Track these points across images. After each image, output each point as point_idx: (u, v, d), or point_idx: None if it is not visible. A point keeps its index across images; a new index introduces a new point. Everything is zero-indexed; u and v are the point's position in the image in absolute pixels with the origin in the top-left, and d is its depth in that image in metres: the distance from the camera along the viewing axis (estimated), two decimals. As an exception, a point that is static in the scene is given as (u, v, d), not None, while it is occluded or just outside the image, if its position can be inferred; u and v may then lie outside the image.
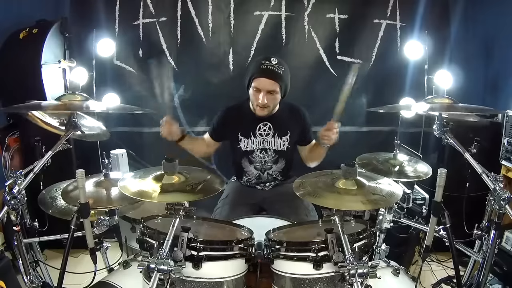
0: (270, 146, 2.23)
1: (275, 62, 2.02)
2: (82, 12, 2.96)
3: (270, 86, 2.02)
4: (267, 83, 2.02)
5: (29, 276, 1.74)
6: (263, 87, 2.03)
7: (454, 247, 1.55)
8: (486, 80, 3.02)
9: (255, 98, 2.07)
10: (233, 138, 2.24)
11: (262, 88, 2.03)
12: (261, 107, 2.08)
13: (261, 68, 2.01)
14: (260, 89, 2.03)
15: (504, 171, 2.39)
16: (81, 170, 1.41)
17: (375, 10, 3.05)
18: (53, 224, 1.97)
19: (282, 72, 2.03)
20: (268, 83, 2.02)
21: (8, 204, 1.47)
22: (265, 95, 2.03)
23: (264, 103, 2.04)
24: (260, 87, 2.03)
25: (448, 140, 1.67)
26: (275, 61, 2.03)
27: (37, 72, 2.56)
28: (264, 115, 2.13)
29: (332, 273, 1.40)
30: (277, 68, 2.02)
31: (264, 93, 2.03)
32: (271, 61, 2.02)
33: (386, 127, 3.21)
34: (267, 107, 2.09)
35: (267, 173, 2.28)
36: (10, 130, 2.61)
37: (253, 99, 2.11)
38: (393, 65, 3.08)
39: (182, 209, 1.44)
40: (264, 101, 2.04)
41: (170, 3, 3.00)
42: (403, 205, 2.00)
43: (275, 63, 2.02)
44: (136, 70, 3.08)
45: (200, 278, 1.41)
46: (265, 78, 2.01)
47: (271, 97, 2.05)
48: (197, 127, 3.16)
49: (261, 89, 2.03)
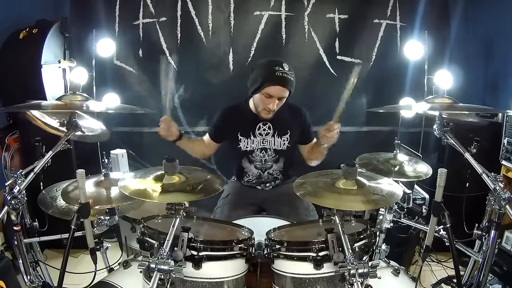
0: (270, 146, 2.23)
1: (287, 68, 1.99)
2: (82, 12, 2.95)
3: (283, 93, 2.02)
4: (280, 91, 2.00)
5: (29, 276, 1.74)
6: (276, 94, 2.01)
7: (454, 247, 1.54)
8: (486, 80, 3.02)
9: (264, 103, 2.05)
10: (233, 138, 2.24)
11: (275, 95, 2.01)
12: (267, 111, 2.08)
13: (276, 76, 1.96)
14: (273, 95, 2.01)
15: (504, 171, 2.39)
16: (81, 170, 1.41)
17: (375, 10, 3.05)
18: (53, 224, 1.97)
19: (293, 79, 2.02)
20: (281, 90, 2.00)
21: (8, 204, 1.47)
22: (277, 102, 2.02)
23: (274, 108, 2.04)
24: (273, 94, 2.01)
25: (448, 140, 1.67)
26: (287, 67, 2.00)
27: (37, 72, 2.56)
28: (269, 117, 2.14)
29: (332, 273, 1.40)
30: (289, 75, 1.99)
31: (275, 99, 2.02)
32: (284, 68, 1.98)
33: (386, 127, 3.21)
34: (274, 111, 2.09)
35: (268, 172, 2.28)
36: (10, 130, 2.61)
37: (260, 104, 2.09)
38: (393, 65, 3.08)
39: (182, 209, 1.44)
40: (275, 107, 2.04)
41: (170, 3, 3.00)
42: (403, 205, 2.00)
43: (287, 69, 1.99)
44: (136, 70, 3.08)
45: (200, 278, 1.41)
46: (280, 86, 1.99)
47: (280, 102, 2.05)
48: (197, 127, 3.17)
49: (274, 96, 2.01)
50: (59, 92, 2.74)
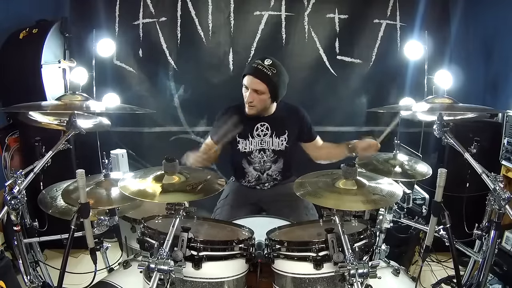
0: (268, 146, 2.23)
1: (267, 63, 2.04)
2: (82, 12, 2.95)
3: (256, 85, 2.05)
4: (254, 82, 2.05)
5: (29, 276, 1.74)
6: (249, 85, 2.07)
7: (454, 247, 1.54)
8: (486, 80, 3.02)
9: (244, 96, 2.12)
10: (232, 140, 2.23)
11: (249, 86, 2.08)
12: (248, 105, 2.12)
13: (252, 67, 2.06)
14: (248, 86, 2.08)
15: (504, 171, 2.39)
16: (81, 170, 1.40)
17: (375, 10, 3.05)
18: (53, 224, 1.97)
19: (272, 74, 2.04)
20: (255, 82, 2.05)
21: (8, 204, 1.47)
22: (251, 94, 2.07)
23: (249, 101, 2.08)
24: (247, 84, 2.08)
25: (448, 140, 1.67)
26: (268, 62, 2.05)
27: (37, 72, 2.56)
28: (252, 114, 2.15)
29: (332, 273, 1.40)
30: (267, 69, 2.03)
31: (250, 91, 2.07)
32: (264, 62, 2.05)
33: (386, 127, 3.20)
34: (254, 107, 2.11)
35: (267, 173, 2.28)
36: (10, 130, 2.62)
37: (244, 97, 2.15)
38: (393, 65, 3.08)
39: (182, 209, 1.44)
40: (250, 99, 2.08)
41: (170, 3, 3.00)
42: (403, 205, 2.00)
43: (267, 64, 2.04)
44: (136, 70, 3.08)
45: (200, 278, 1.41)
46: (253, 77, 2.05)
47: (257, 96, 2.08)
48: (197, 127, 3.17)
49: (248, 87, 2.08)
50: (59, 92, 2.74)
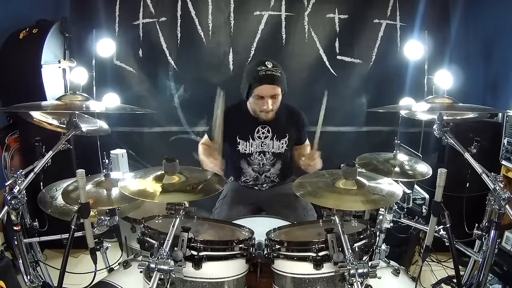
0: (269, 149, 2.22)
1: (270, 66, 2.00)
2: (82, 12, 2.95)
3: (273, 91, 2.01)
4: (269, 89, 2.01)
5: (29, 276, 1.74)
6: (266, 94, 2.01)
7: (454, 247, 1.54)
8: (486, 80, 3.02)
9: (259, 105, 2.06)
10: (231, 141, 2.23)
11: (265, 95, 2.01)
12: (266, 112, 2.07)
13: (260, 75, 1.98)
14: (264, 96, 2.02)
15: (504, 171, 2.39)
16: (82, 170, 1.41)
17: (375, 10, 3.05)
18: (53, 224, 1.96)
19: (280, 74, 2.02)
20: (270, 88, 2.00)
21: (8, 204, 1.47)
22: (269, 101, 2.02)
23: (270, 108, 2.04)
24: (263, 94, 2.02)
25: (448, 140, 1.67)
26: (270, 64, 2.01)
27: (37, 72, 2.56)
28: (270, 118, 2.13)
29: (332, 273, 1.40)
30: (274, 71, 2.00)
31: (268, 99, 2.02)
32: (267, 66, 2.00)
33: (386, 127, 3.21)
34: (273, 111, 2.09)
35: (265, 175, 2.27)
36: (10, 130, 2.61)
37: (255, 107, 2.10)
38: (393, 65, 3.08)
39: (182, 209, 1.44)
40: (270, 107, 2.03)
41: (170, 3, 3.00)
42: (403, 205, 2.00)
43: (271, 66, 2.00)
44: (136, 70, 3.08)
45: (200, 278, 1.41)
46: (266, 85, 1.99)
47: (274, 100, 2.05)
48: (197, 127, 3.17)
49: (265, 96, 2.02)
50: (59, 92, 2.74)
